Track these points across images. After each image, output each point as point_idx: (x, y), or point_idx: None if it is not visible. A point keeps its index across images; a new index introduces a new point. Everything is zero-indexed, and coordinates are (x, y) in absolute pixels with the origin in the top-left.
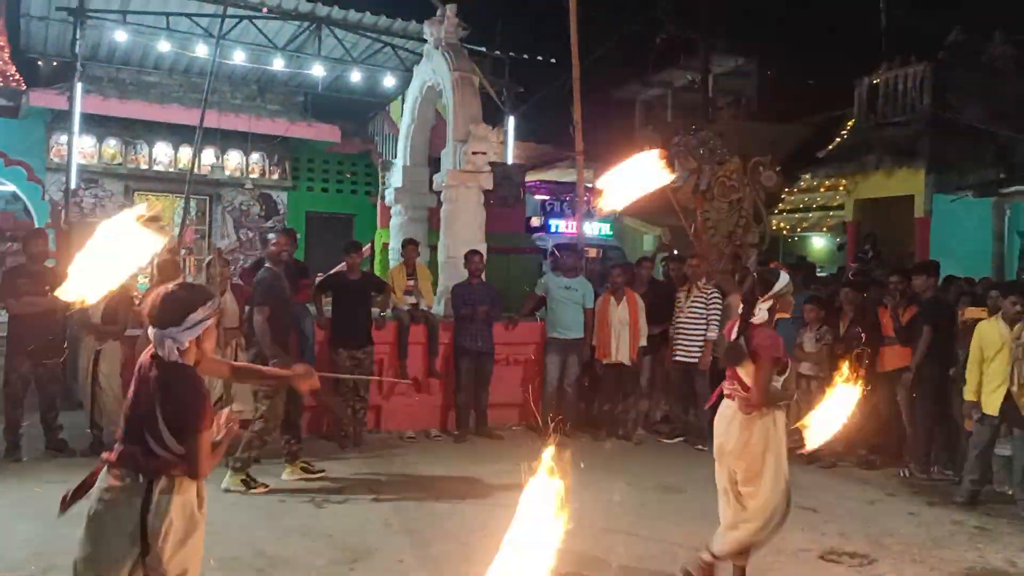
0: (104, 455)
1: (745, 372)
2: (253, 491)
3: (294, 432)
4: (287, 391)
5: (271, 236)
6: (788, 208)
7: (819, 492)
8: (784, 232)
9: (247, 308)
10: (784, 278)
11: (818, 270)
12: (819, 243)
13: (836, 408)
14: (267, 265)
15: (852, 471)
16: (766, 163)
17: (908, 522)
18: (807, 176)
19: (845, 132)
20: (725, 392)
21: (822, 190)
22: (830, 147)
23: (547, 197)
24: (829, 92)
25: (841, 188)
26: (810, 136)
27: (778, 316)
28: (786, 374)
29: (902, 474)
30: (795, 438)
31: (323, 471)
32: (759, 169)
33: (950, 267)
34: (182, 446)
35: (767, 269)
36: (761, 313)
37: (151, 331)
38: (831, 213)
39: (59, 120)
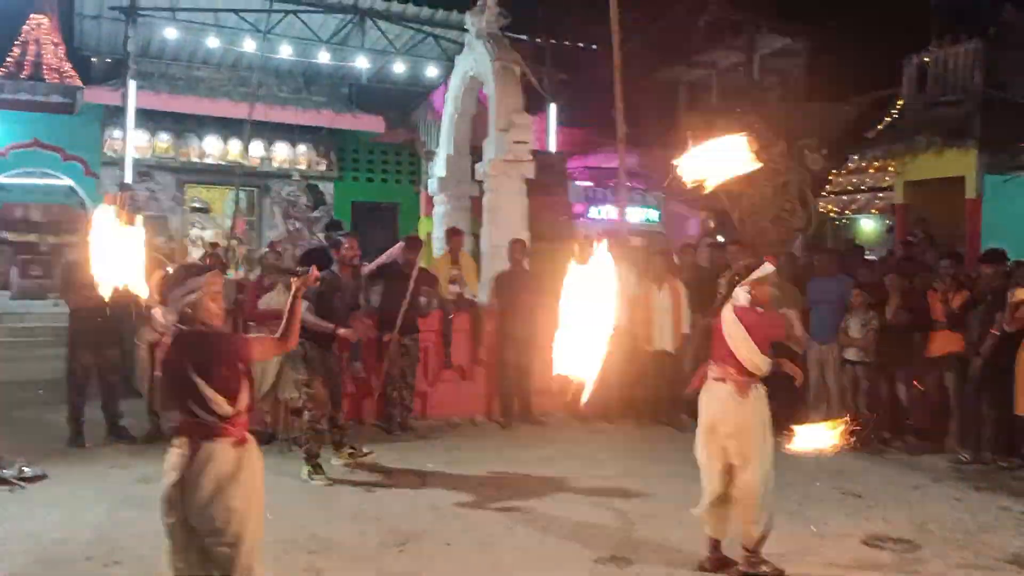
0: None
1: (739, 352)
2: (314, 481)
3: (335, 420)
4: (323, 378)
5: (342, 239)
6: (836, 190)
7: (865, 477)
8: (832, 214)
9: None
10: (764, 268)
11: (867, 253)
12: (868, 225)
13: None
14: (333, 268)
15: (899, 457)
16: (812, 146)
17: (954, 508)
18: (855, 157)
19: (895, 112)
20: (714, 376)
21: (871, 171)
22: (879, 127)
23: (590, 183)
24: (878, 71)
25: (890, 169)
26: (859, 116)
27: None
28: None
29: (962, 459)
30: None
31: (372, 452)
32: (805, 152)
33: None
34: (229, 395)
35: (754, 261)
36: (741, 297)
37: (156, 311)
38: (880, 195)
39: (113, 116)
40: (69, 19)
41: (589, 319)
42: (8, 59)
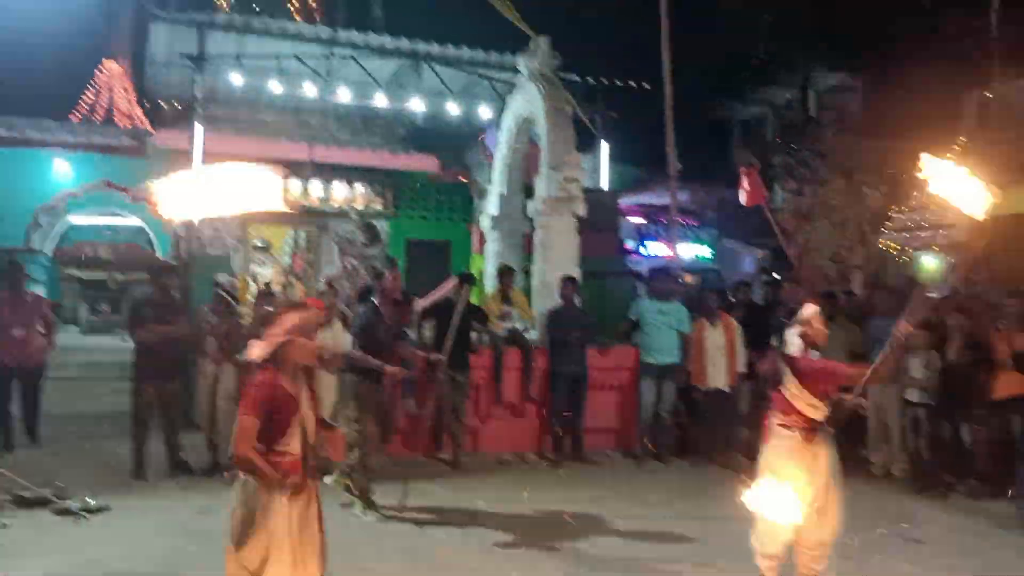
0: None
1: (801, 401)
2: (367, 516)
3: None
4: (374, 415)
5: (384, 271)
6: (898, 227)
7: (928, 524)
8: (894, 251)
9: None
10: (807, 310)
11: (930, 291)
12: (931, 263)
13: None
14: (373, 299)
15: (963, 502)
16: (871, 183)
17: (1020, 555)
18: (916, 193)
19: (956, 147)
20: (779, 423)
21: (932, 207)
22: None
23: (642, 220)
24: (939, 106)
25: (952, 206)
26: (920, 151)
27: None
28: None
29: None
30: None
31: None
32: (863, 189)
33: None
34: None
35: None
36: (794, 343)
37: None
38: (942, 231)
39: (180, 158)
40: (140, 65)
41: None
42: (82, 104)
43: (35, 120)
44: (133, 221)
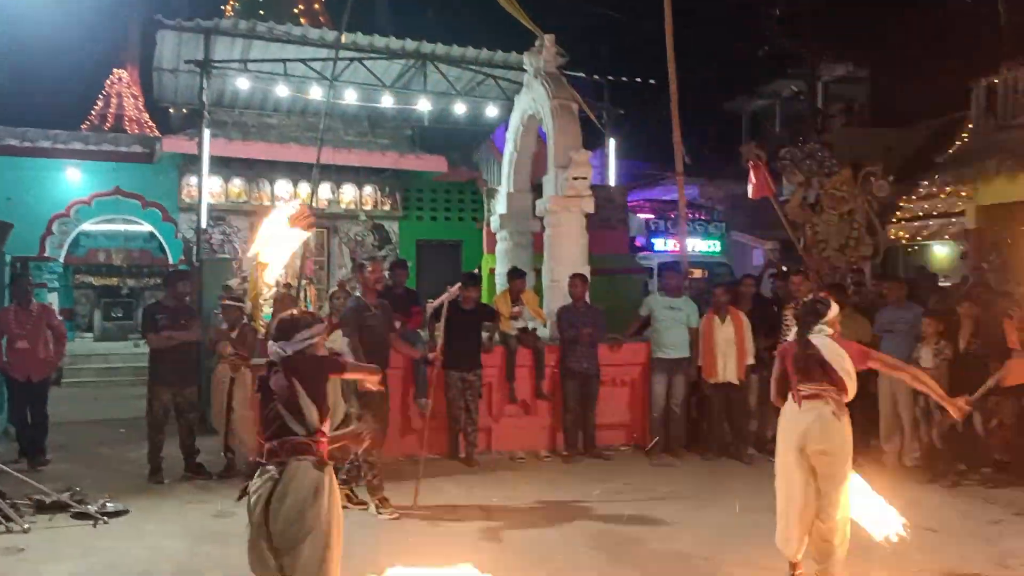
0: (253, 459)
1: (845, 372)
2: (381, 515)
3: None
4: (375, 413)
5: (365, 263)
6: (907, 216)
7: (941, 512)
8: (904, 241)
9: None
10: (834, 308)
11: (940, 280)
12: (942, 252)
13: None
14: (357, 295)
15: (977, 490)
16: (878, 173)
17: None
18: (926, 183)
19: (964, 136)
20: (806, 394)
21: (942, 196)
22: (950, 151)
23: (651, 215)
24: (947, 94)
25: (962, 194)
26: (928, 140)
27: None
28: None
29: None
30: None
31: (366, 504)
32: (870, 179)
33: None
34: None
35: (819, 299)
36: (821, 336)
37: (270, 344)
38: (953, 220)
39: (189, 163)
40: (148, 72)
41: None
42: (92, 112)
43: (47, 130)
44: (144, 227)
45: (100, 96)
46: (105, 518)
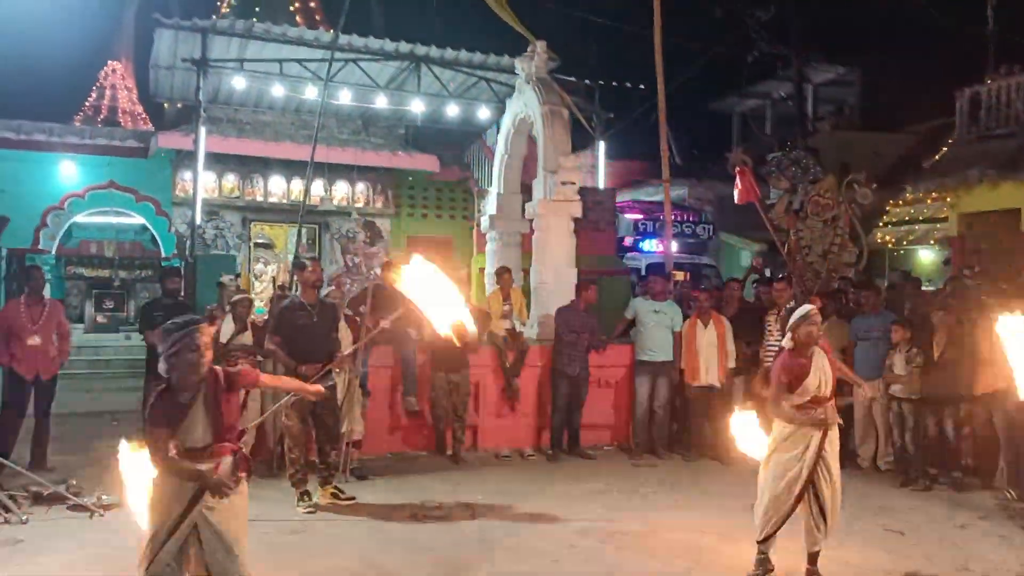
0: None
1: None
2: (298, 507)
3: (322, 457)
4: (301, 412)
5: (306, 262)
6: (894, 220)
7: (909, 514)
8: (890, 245)
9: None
10: (798, 311)
11: (924, 284)
12: (927, 256)
13: None
14: (296, 293)
15: (946, 494)
16: (861, 180)
17: (998, 546)
18: (911, 188)
19: (949, 143)
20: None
21: (928, 202)
22: (935, 158)
23: (640, 216)
24: (936, 100)
25: (948, 200)
26: (916, 145)
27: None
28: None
29: (1009, 496)
30: None
31: (354, 497)
32: (854, 187)
33: None
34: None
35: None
36: (787, 340)
37: None
38: (938, 226)
39: (184, 159)
40: (144, 68)
41: None
42: (85, 105)
43: (41, 123)
44: (136, 219)
45: (94, 88)
46: (101, 511)
